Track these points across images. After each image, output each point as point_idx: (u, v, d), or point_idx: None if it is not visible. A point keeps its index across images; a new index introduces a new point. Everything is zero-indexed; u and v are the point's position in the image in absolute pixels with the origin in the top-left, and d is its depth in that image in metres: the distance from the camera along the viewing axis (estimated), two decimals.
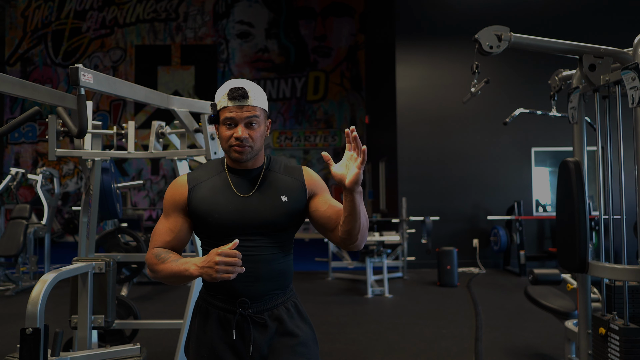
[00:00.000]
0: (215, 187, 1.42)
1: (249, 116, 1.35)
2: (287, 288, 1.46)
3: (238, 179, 1.43)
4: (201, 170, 1.49)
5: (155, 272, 1.37)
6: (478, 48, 2.37)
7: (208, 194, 1.40)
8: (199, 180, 1.44)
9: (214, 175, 1.44)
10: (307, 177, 1.48)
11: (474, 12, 7.71)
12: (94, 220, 3.02)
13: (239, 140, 1.35)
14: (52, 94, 2.06)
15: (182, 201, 1.42)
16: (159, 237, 1.42)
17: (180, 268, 1.30)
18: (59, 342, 1.96)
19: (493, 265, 7.63)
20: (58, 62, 12.14)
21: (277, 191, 1.42)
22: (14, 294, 5.70)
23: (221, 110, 1.38)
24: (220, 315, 1.40)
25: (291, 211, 1.42)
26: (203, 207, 1.39)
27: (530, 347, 3.70)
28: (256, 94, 1.39)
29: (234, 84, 1.39)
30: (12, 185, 6.55)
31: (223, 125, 1.38)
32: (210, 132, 2.82)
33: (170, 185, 1.47)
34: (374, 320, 4.54)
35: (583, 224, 2.46)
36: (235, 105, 1.35)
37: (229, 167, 1.45)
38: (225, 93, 1.37)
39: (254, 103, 1.37)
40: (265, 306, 1.40)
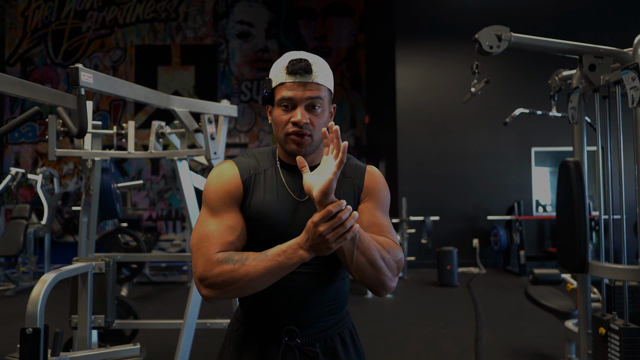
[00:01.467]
0: (269, 185, 1.14)
1: (311, 96, 1.07)
2: (343, 312, 1.21)
3: (292, 178, 1.15)
4: (250, 158, 1.18)
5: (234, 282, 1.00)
6: (478, 48, 2.37)
7: (261, 193, 1.13)
8: (252, 171, 1.15)
9: (265, 169, 1.16)
10: (367, 179, 1.19)
11: (474, 12, 7.71)
12: (94, 220, 3.02)
13: (297, 125, 1.07)
14: (52, 94, 2.05)
15: (239, 194, 1.12)
16: (216, 239, 1.06)
17: (280, 261, 1.00)
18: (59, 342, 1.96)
19: (493, 265, 7.63)
20: (58, 62, 12.14)
21: (337, 195, 1.14)
22: (14, 294, 5.70)
23: (277, 87, 1.10)
24: (260, 346, 1.14)
25: None
26: (256, 209, 1.11)
27: (530, 347, 3.70)
28: (322, 70, 1.10)
29: (295, 55, 1.11)
30: (12, 185, 6.55)
31: (278, 106, 1.10)
32: (210, 132, 2.82)
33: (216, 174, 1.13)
34: (374, 320, 4.54)
35: (583, 224, 2.46)
36: (296, 81, 1.07)
37: (281, 161, 1.18)
38: (284, 66, 1.09)
39: (318, 80, 1.09)
40: (317, 335, 1.14)
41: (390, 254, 1.09)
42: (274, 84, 1.10)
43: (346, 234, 0.94)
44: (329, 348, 1.15)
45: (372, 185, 1.19)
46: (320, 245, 0.95)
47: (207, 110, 2.82)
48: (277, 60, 1.15)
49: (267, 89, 1.11)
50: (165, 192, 11.74)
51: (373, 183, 1.19)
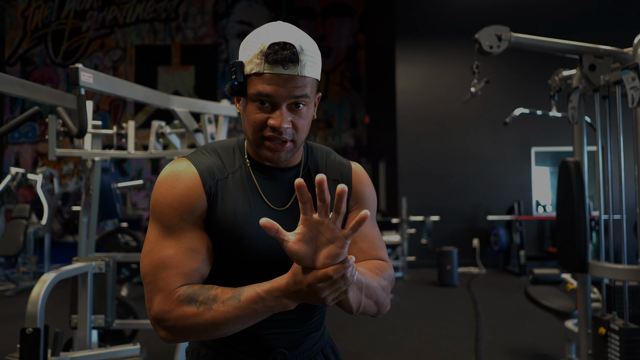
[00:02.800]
0: (239, 192, 0.91)
1: (296, 95, 0.85)
2: (322, 327, 1.09)
3: (267, 182, 0.94)
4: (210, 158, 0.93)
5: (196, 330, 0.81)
6: (478, 48, 2.37)
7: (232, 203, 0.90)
8: (215, 176, 0.90)
9: (235, 170, 0.93)
10: (355, 181, 1.02)
11: (474, 12, 7.71)
12: (94, 220, 3.02)
13: (277, 131, 0.85)
14: (52, 94, 2.06)
15: (201, 206, 0.88)
16: (177, 268, 0.84)
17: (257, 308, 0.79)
18: (59, 342, 1.96)
19: (493, 265, 7.63)
20: (58, 62, 12.14)
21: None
22: (14, 294, 5.70)
23: (251, 76, 0.85)
24: None
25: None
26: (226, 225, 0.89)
27: (530, 347, 3.70)
28: (310, 57, 0.86)
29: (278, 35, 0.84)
30: (12, 185, 6.56)
31: (252, 102, 0.86)
32: (210, 132, 2.82)
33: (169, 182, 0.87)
34: (374, 320, 4.54)
35: (583, 224, 2.46)
36: (278, 73, 0.83)
37: (251, 159, 0.95)
38: (261, 50, 0.83)
39: (306, 72, 0.85)
40: (303, 355, 1.01)
41: (386, 280, 0.96)
42: (247, 70, 0.86)
43: (347, 291, 0.77)
44: None
45: (361, 189, 1.02)
46: (314, 300, 0.77)
47: (207, 110, 2.82)
48: (252, 33, 0.88)
49: (238, 76, 0.86)
50: None
51: (362, 187, 1.03)
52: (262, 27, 0.88)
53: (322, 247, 0.74)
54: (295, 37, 0.85)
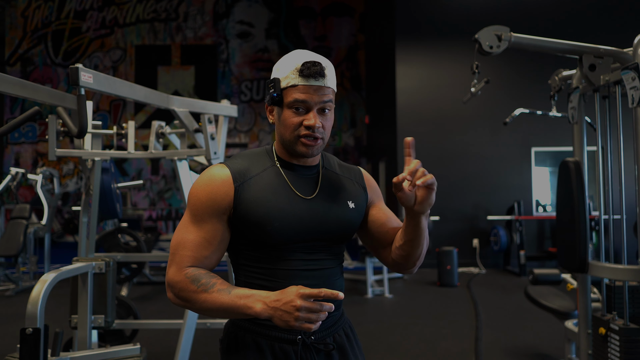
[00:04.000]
0: (269, 186, 1.11)
1: (324, 100, 1.08)
2: (341, 309, 1.23)
3: (295, 177, 1.14)
4: (244, 160, 1.15)
5: (192, 302, 1.03)
6: (478, 48, 2.37)
7: (262, 195, 1.09)
8: (246, 176, 1.11)
9: (263, 170, 1.14)
10: (367, 181, 1.25)
11: (474, 12, 7.71)
12: (94, 220, 3.02)
13: (311, 129, 1.07)
14: (52, 94, 2.06)
15: (226, 204, 1.08)
16: (191, 251, 1.07)
17: (237, 303, 0.99)
18: (59, 342, 1.96)
19: (493, 265, 7.63)
20: (58, 62, 12.14)
21: (342, 195, 1.17)
22: (14, 294, 5.70)
23: (288, 89, 1.08)
24: (275, 348, 1.09)
25: (357, 219, 1.18)
26: (258, 211, 1.07)
27: (530, 347, 3.70)
28: (331, 72, 1.10)
29: (307, 56, 1.09)
30: (12, 185, 6.56)
31: (289, 108, 1.08)
32: (210, 132, 2.82)
33: (204, 179, 1.10)
34: (374, 320, 4.54)
35: (583, 224, 2.46)
36: (310, 85, 1.06)
37: (280, 161, 1.16)
38: (296, 68, 1.07)
39: (329, 83, 1.09)
40: (327, 331, 1.14)
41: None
42: (283, 85, 1.08)
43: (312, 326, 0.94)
44: (338, 343, 1.16)
45: (372, 187, 1.26)
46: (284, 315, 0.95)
47: (207, 110, 2.82)
48: (283, 58, 1.12)
49: (276, 89, 1.09)
50: (165, 192, 11.74)
51: (372, 184, 1.26)
52: (288, 54, 1.12)
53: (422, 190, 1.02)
54: (320, 58, 1.10)
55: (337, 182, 1.19)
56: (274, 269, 1.10)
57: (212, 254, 1.08)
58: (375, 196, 1.25)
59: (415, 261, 1.14)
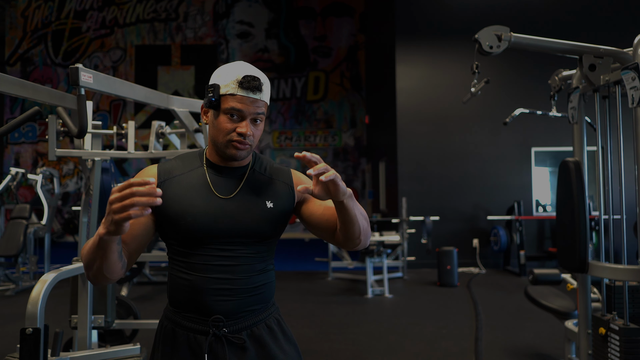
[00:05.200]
0: (190, 185, 1.22)
1: (257, 112, 1.18)
2: (269, 303, 1.27)
3: (218, 178, 1.24)
4: (174, 162, 1.27)
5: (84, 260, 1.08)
6: (478, 48, 2.37)
7: (181, 192, 1.20)
8: (171, 174, 1.23)
9: (190, 170, 1.25)
10: (295, 180, 1.31)
11: (474, 12, 7.71)
12: (94, 220, 3.01)
13: (243, 136, 1.18)
14: (52, 94, 2.06)
15: None
16: None
17: (94, 238, 1.02)
18: (59, 342, 1.96)
19: (493, 265, 7.63)
20: (58, 62, 12.14)
21: (262, 195, 1.24)
22: (14, 294, 5.70)
23: (226, 96, 1.18)
24: (190, 338, 1.19)
25: (276, 219, 1.25)
26: (174, 207, 1.18)
27: (530, 347, 3.70)
28: (267, 88, 1.22)
29: (247, 70, 1.20)
30: (12, 185, 6.56)
31: (224, 114, 1.18)
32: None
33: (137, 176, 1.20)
34: (374, 320, 4.54)
35: (583, 224, 2.46)
36: (247, 96, 1.17)
37: (208, 162, 1.26)
38: (237, 79, 1.17)
39: (263, 97, 1.20)
40: (243, 324, 1.21)
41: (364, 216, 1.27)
42: (222, 91, 1.18)
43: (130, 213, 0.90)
44: (256, 336, 1.22)
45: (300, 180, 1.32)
46: (108, 219, 0.94)
47: None
48: (225, 66, 1.22)
49: (215, 94, 1.18)
50: None
51: (302, 181, 1.32)
52: (230, 64, 1.22)
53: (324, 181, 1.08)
54: (259, 74, 1.21)
55: (260, 183, 1.26)
56: (191, 262, 1.19)
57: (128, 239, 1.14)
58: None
59: (357, 237, 1.21)
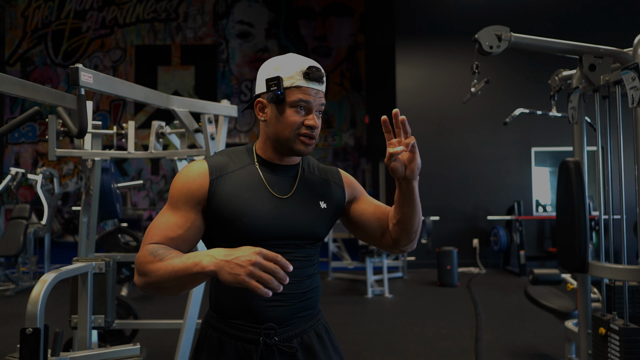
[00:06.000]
0: (244, 183, 1.14)
1: (322, 103, 1.14)
2: (316, 308, 1.21)
3: (272, 176, 1.17)
4: (223, 157, 1.18)
5: (147, 274, 1.00)
6: (478, 48, 2.37)
7: (236, 191, 1.12)
8: (223, 170, 1.14)
9: (241, 167, 1.16)
10: (345, 180, 1.28)
11: (474, 12, 7.71)
12: (94, 220, 3.02)
13: (312, 129, 1.12)
14: (52, 94, 2.05)
15: (201, 194, 1.11)
16: (160, 231, 1.08)
17: (186, 263, 0.94)
18: (59, 342, 1.96)
19: (493, 265, 7.63)
20: (58, 62, 12.14)
21: (316, 196, 1.19)
22: (14, 294, 5.70)
23: (291, 89, 1.11)
24: (238, 348, 1.11)
25: (330, 220, 1.21)
26: (229, 207, 1.10)
27: (530, 347, 3.70)
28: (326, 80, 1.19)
29: (309, 61, 1.14)
30: (12, 185, 6.55)
31: (291, 107, 1.11)
32: (210, 132, 2.82)
33: (184, 171, 1.14)
34: (374, 320, 4.54)
35: (583, 224, 2.46)
36: (314, 88, 1.12)
37: (260, 160, 1.19)
38: (302, 70, 1.11)
39: (325, 90, 1.17)
40: (294, 331, 1.13)
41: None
42: (286, 84, 1.11)
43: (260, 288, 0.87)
44: (306, 344, 1.15)
45: (351, 184, 1.29)
46: (236, 268, 0.89)
47: (207, 110, 2.82)
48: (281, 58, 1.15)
49: (279, 87, 1.11)
50: (165, 192, 11.74)
51: (351, 182, 1.29)
52: (283, 56, 1.15)
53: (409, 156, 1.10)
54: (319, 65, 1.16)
55: (313, 183, 1.21)
56: None
57: (178, 238, 1.08)
58: (357, 192, 1.29)
59: (415, 230, 1.18)
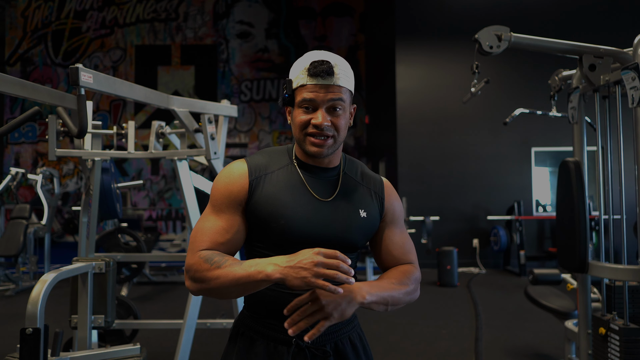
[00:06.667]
0: (284, 183, 1.12)
1: (333, 98, 1.07)
2: (352, 315, 1.17)
3: (312, 178, 1.14)
4: (263, 157, 1.17)
5: (206, 281, 1.00)
6: (478, 48, 2.37)
7: (275, 191, 1.11)
8: (263, 171, 1.13)
9: (280, 168, 1.15)
10: (387, 194, 1.21)
11: (474, 12, 7.71)
12: (94, 220, 3.02)
13: (319, 128, 1.07)
14: (52, 94, 2.05)
15: (242, 195, 1.11)
16: (208, 237, 1.08)
17: (249, 271, 0.96)
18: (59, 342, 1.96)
19: (493, 265, 7.63)
20: (58, 62, 12.14)
21: (356, 203, 1.15)
22: (14, 294, 5.70)
23: (298, 89, 1.09)
24: (269, 348, 1.11)
25: (368, 230, 1.17)
26: (267, 207, 1.09)
27: (530, 347, 3.70)
28: (343, 71, 1.10)
29: (317, 56, 1.10)
30: (12, 185, 6.55)
31: (299, 108, 1.09)
32: (210, 132, 2.82)
33: (224, 173, 1.13)
34: (374, 320, 4.54)
35: (583, 224, 2.46)
36: (317, 84, 1.07)
37: (299, 161, 1.16)
38: (305, 67, 1.09)
39: (340, 82, 1.08)
40: (327, 337, 1.12)
41: (412, 284, 1.16)
42: (294, 85, 1.10)
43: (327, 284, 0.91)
44: (340, 350, 1.13)
45: (392, 202, 1.22)
46: (301, 271, 0.92)
47: (207, 110, 2.82)
48: (297, 60, 1.14)
49: (288, 90, 1.10)
50: (165, 192, 11.74)
51: (392, 199, 1.22)
52: (306, 53, 1.13)
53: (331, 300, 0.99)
54: (331, 57, 1.10)
55: (355, 190, 1.17)
56: None
57: (227, 242, 1.09)
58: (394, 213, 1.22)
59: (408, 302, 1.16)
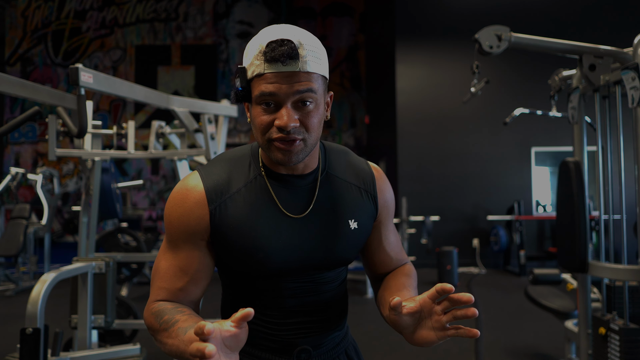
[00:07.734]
0: (253, 205, 0.89)
1: (300, 90, 0.81)
2: (346, 326, 1.10)
3: (284, 189, 0.91)
4: (222, 169, 0.92)
5: (157, 341, 0.84)
6: (478, 48, 2.37)
7: (243, 219, 0.88)
8: (225, 193, 0.89)
9: (246, 183, 0.91)
10: (380, 188, 1.01)
11: (474, 12, 7.71)
12: (94, 220, 3.02)
13: (284, 131, 0.81)
14: (52, 94, 2.05)
15: (201, 228, 0.89)
16: (164, 282, 0.90)
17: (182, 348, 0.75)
18: (59, 342, 1.96)
19: (493, 265, 7.63)
20: (58, 62, 12.14)
21: (344, 212, 0.94)
22: (14, 294, 5.70)
23: (254, 79, 0.83)
24: None
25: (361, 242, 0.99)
26: (238, 240, 0.88)
27: (530, 347, 3.70)
28: (312, 52, 0.83)
29: (275, 33, 0.82)
30: (12, 185, 6.55)
31: (257, 105, 0.83)
32: (210, 132, 2.82)
33: (177, 201, 0.90)
34: (374, 320, 4.54)
35: (583, 224, 2.46)
36: (278, 72, 0.80)
37: (266, 169, 0.92)
38: (260, 50, 0.81)
39: (309, 67, 0.81)
40: (327, 355, 1.01)
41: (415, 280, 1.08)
42: (249, 74, 0.83)
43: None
44: None
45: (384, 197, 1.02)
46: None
47: (207, 110, 2.82)
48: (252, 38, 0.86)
49: (241, 81, 0.83)
50: (165, 192, 11.74)
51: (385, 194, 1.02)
52: (261, 30, 0.86)
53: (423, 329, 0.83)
54: (294, 33, 0.82)
55: (339, 193, 0.95)
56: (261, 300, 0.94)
57: (188, 285, 0.89)
58: (385, 211, 1.03)
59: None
